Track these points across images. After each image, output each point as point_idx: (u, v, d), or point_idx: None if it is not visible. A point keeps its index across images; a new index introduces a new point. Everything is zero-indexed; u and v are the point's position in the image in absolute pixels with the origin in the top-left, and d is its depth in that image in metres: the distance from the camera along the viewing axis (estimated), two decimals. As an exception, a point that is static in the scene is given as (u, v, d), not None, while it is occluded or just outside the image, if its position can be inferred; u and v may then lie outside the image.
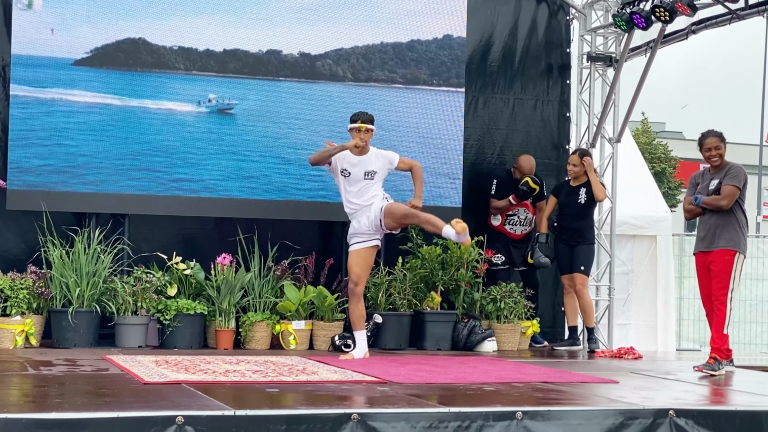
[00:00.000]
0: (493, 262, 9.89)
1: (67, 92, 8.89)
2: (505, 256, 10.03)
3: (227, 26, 9.31)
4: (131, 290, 8.59)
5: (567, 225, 9.78)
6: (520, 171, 10.06)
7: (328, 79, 9.62)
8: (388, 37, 9.82)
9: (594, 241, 9.94)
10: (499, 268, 9.98)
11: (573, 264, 9.73)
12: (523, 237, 10.12)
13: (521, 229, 10.10)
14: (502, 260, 10.01)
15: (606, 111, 10.67)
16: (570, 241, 9.75)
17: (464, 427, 5.23)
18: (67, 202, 8.89)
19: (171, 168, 9.15)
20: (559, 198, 9.86)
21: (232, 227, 9.36)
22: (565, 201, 9.81)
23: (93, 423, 4.74)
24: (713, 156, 7.95)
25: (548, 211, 9.94)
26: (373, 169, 8.27)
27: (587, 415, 5.46)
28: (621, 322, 11.87)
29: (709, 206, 7.87)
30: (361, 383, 6.54)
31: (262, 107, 9.45)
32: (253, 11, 9.38)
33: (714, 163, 7.97)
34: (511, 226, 10.09)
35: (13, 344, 8.29)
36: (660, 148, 34.58)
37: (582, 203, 9.71)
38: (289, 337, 8.92)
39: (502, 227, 10.08)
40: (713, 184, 7.90)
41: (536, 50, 10.69)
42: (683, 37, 10.21)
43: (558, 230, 9.85)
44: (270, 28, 9.42)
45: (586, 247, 9.76)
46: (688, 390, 6.76)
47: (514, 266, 10.11)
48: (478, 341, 9.36)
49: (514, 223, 10.10)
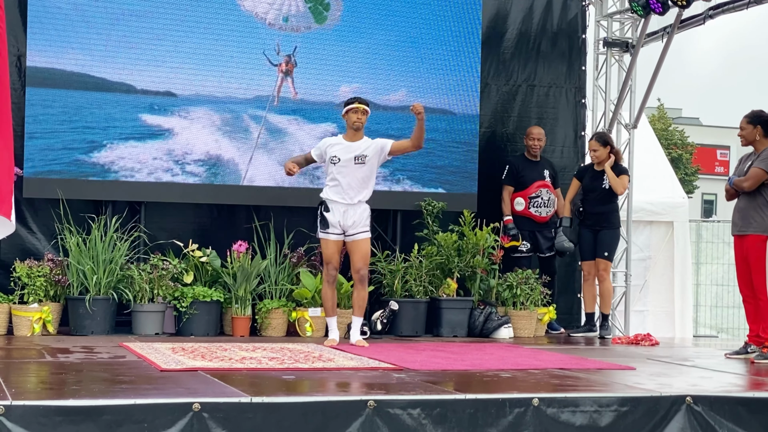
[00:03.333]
0: (518, 249, 9.86)
1: (83, 79, 8.92)
2: (531, 242, 9.98)
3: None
4: (148, 278, 8.61)
5: (591, 210, 9.71)
6: (527, 136, 10.02)
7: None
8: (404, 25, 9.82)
9: (619, 226, 9.86)
10: (524, 255, 9.93)
11: (596, 250, 9.69)
12: (548, 220, 10.05)
13: (546, 210, 9.99)
14: (527, 247, 9.94)
15: (622, 97, 10.61)
16: (594, 227, 9.69)
17: (481, 413, 5.22)
18: (84, 189, 8.92)
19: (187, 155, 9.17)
20: (583, 182, 9.80)
21: (247, 214, 9.38)
22: (589, 186, 9.75)
23: (110, 410, 4.75)
24: (740, 136, 7.93)
25: (571, 194, 9.87)
26: (363, 153, 8.12)
27: (604, 402, 5.44)
28: (638, 309, 11.84)
29: (736, 188, 7.84)
30: (378, 370, 6.54)
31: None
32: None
33: (742, 144, 7.98)
34: (535, 209, 9.97)
35: (31, 332, 8.32)
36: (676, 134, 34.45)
37: (606, 188, 9.63)
38: (305, 324, 8.94)
39: (527, 211, 9.97)
40: (747, 166, 7.87)
41: (551, 36, 10.63)
42: (700, 22, 10.15)
43: (582, 215, 9.79)
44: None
45: (610, 232, 9.70)
46: (706, 376, 6.73)
47: (540, 252, 10.04)
48: (494, 328, 9.35)
49: (538, 205, 9.97)
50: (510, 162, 10.09)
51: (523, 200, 9.98)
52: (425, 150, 9.10)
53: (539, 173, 10.00)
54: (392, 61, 9.76)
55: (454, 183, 9.93)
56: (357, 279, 8.23)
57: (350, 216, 8.12)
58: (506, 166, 10.04)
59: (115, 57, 8.97)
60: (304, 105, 9.54)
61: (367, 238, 8.25)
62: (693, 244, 14.21)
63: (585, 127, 10.78)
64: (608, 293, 9.80)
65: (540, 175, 9.99)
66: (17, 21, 8.84)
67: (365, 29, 9.69)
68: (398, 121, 9.64)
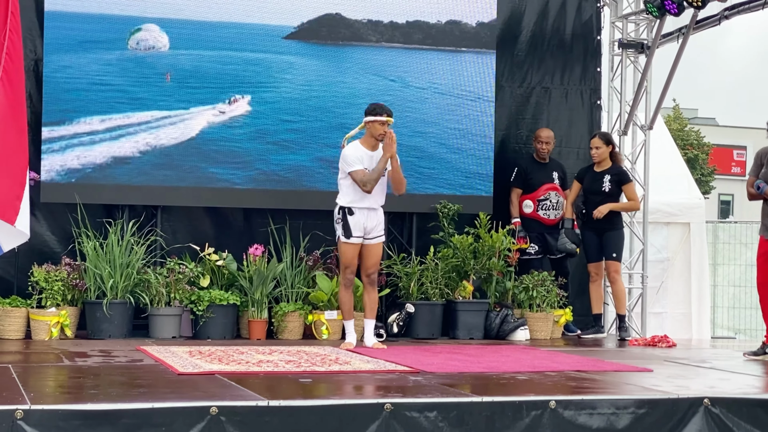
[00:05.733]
0: (526, 251, 9.85)
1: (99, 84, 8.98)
2: (539, 244, 9.97)
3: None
4: (164, 281, 8.64)
5: (593, 211, 9.73)
6: (536, 139, 10.01)
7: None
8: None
9: (622, 226, 9.85)
10: (533, 257, 9.93)
11: (604, 251, 9.68)
12: (557, 222, 10.04)
13: (555, 213, 9.99)
14: (536, 249, 9.94)
15: (638, 98, 10.59)
16: (598, 228, 9.68)
17: (497, 416, 5.22)
18: (101, 194, 8.95)
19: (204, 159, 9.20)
20: (583, 184, 9.80)
21: (263, 218, 9.40)
22: (589, 188, 9.75)
23: (128, 414, 4.77)
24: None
25: (572, 196, 9.87)
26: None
27: (621, 404, 5.43)
28: (657, 311, 11.80)
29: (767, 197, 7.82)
30: (394, 373, 6.54)
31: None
32: None
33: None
34: (544, 212, 9.99)
35: (49, 336, 8.36)
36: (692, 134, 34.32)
37: (606, 191, 9.63)
38: (321, 327, 8.95)
39: (536, 213, 9.98)
40: None
41: (566, 38, 10.60)
42: (716, 23, 10.12)
43: (585, 217, 9.78)
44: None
45: (614, 233, 9.69)
46: (724, 378, 6.71)
47: (549, 254, 10.03)
48: (510, 330, 9.34)
49: (547, 208, 9.99)
50: (518, 164, 10.09)
51: (531, 203, 9.98)
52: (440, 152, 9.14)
53: (548, 175, 9.99)
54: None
55: (470, 185, 9.92)
56: (367, 282, 8.26)
57: (373, 219, 8.17)
58: (515, 168, 10.04)
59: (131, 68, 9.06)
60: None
61: (383, 242, 8.32)
62: (710, 245, 14.15)
63: (600, 129, 10.75)
64: (621, 294, 9.78)
65: (549, 178, 9.99)
66: (35, 25, 8.89)
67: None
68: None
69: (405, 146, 9.43)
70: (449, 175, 9.87)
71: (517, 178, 9.99)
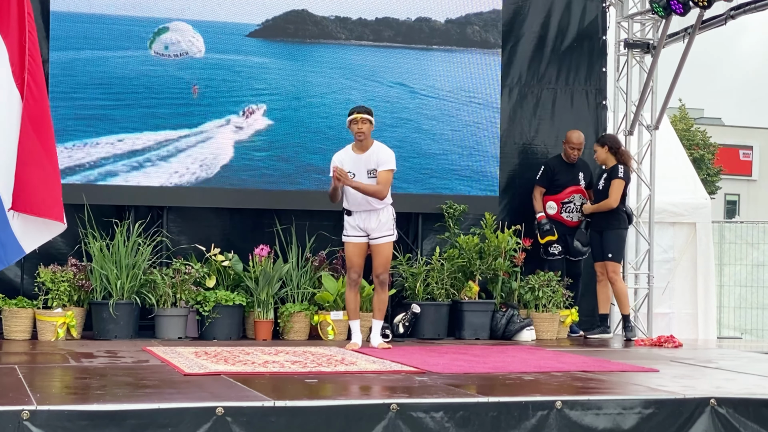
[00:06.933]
0: (550, 252, 9.87)
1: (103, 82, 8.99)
2: (562, 245, 9.97)
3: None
4: (170, 282, 8.64)
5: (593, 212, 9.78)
6: (566, 142, 10.01)
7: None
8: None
9: (619, 227, 9.81)
10: (556, 257, 9.94)
11: (603, 252, 9.71)
12: (579, 224, 10.04)
13: (578, 216, 9.97)
14: (558, 250, 9.94)
15: (644, 98, 10.57)
16: (599, 228, 9.76)
17: (503, 416, 5.22)
18: (107, 195, 8.96)
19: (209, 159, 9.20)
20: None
21: (269, 218, 9.40)
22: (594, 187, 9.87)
23: (134, 414, 4.78)
24: None
25: None
26: (374, 167, 8.08)
27: (627, 404, 5.43)
28: (663, 311, 11.78)
29: None
30: (400, 373, 6.54)
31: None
32: None
33: None
34: (567, 214, 9.97)
35: (55, 336, 8.37)
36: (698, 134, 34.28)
37: (600, 189, 9.73)
38: (327, 327, 8.95)
39: (559, 215, 9.97)
40: None
41: (571, 38, 10.59)
42: (722, 22, 10.10)
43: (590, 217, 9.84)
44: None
45: (611, 233, 9.71)
46: (730, 378, 6.70)
47: (571, 255, 10.03)
48: (516, 330, 9.34)
49: (571, 210, 9.97)
50: (546, 163, 10.09)
51: (555, 204, 9.97)
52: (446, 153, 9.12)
53: (574, 177, 10.00)
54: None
55: (475, 186, 9.92)
56: (377, 283, 8.25)
57: (373, 219, 8.13)
58: (542, 167, 10.04)
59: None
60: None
61: (390, 242, 8.24)
62: (716, 245, 14.13)
63: (606, 129, 10.73)
64: (622, 295, 9.77)
65: (575, 179, 10.00)
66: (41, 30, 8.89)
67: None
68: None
69: (409, 146, 9.43)
70: (454, 175, 9.86)
71: (543, 176, 10.01)
